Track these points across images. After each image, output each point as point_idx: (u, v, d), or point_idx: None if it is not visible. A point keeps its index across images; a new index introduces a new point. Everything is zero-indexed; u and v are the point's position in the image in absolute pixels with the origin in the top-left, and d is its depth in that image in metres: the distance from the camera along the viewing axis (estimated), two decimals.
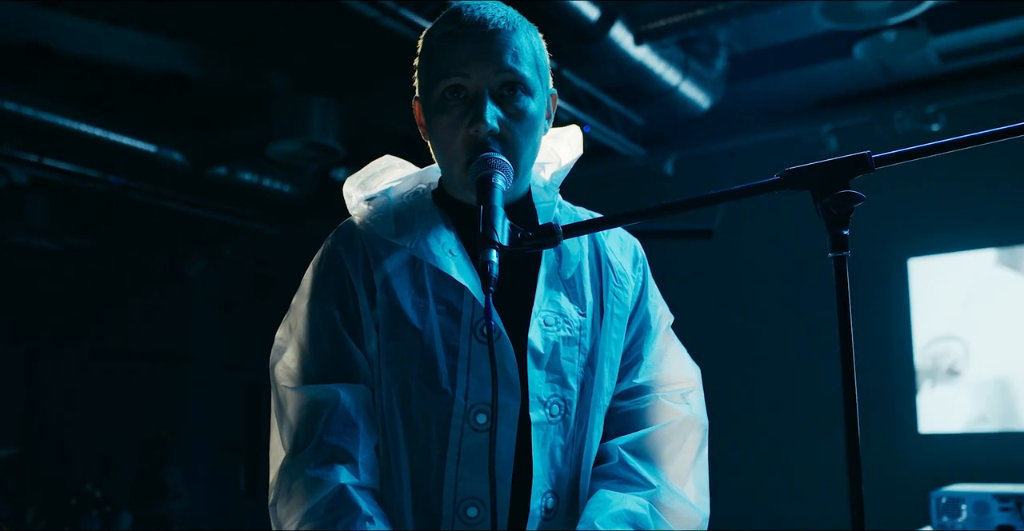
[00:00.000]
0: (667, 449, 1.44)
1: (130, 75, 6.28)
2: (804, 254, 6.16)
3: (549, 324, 1.39)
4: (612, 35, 5.27)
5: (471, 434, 1.34)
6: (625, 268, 1.51)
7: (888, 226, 6.16)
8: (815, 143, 6.65)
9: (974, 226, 6.35)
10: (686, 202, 1.21)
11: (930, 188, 6.12)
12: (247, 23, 5.90)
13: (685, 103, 6.15)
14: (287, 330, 1.45)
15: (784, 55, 6.23)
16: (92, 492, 7.68)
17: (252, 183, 7.77)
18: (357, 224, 1.46)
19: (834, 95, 6.67)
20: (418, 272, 1.40)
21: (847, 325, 1.10)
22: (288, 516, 1.32)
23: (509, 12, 1.41)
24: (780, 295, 6.91)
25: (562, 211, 1.53)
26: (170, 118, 7.16)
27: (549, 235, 1.21)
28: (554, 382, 1.38)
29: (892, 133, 6.41)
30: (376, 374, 1.39)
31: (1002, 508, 3.06)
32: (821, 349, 6.13)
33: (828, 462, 6.17)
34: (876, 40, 5.62)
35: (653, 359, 1.51)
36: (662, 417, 1.47)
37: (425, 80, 1.42)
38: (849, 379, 1.09)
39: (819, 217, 1.15)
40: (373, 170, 1.54)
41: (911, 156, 1.15)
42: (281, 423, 1.39)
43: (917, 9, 4.96)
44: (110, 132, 6.75)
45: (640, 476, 1.41)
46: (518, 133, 1.36)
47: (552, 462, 1.37)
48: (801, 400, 6.68)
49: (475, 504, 1.34)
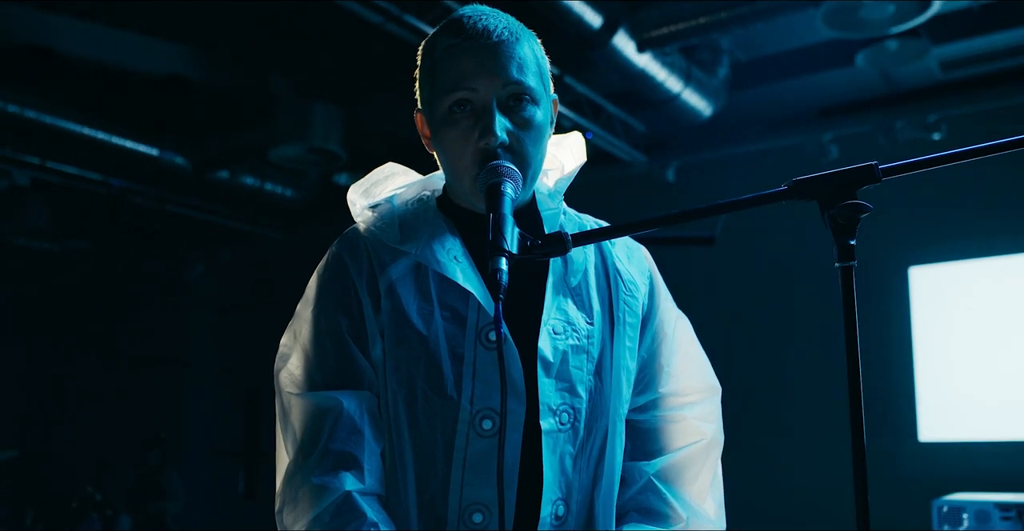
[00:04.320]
0: (692, 471, 1.49)
1: (132, 78, 6.28)
2: (805, 262, 6.17)
3: (558, 332, 1.40)
4: (615, 42, 5.28)
5: (477, 440, 1.34)
6: (634, 276, 1.52)
7: (889, 234, 6.16)
8: (816, 151, 6.66)
9: (976, 235, 6.35)
10: (694, 211, 1.22)
11: (932, 196, 6.13)
12: (250, 27, 5.91)
13: (687, 110, 6.16)
14: (292, 337, 1.45)
15: (786, 63, 6.24)
16: (92, 495, 7.68)
17: (254, 187, 7.78)
18: (361, 231, 1.46)
19: (836, 104, 6.67)
20: (423, 279, 1.40)
21: (853, 334, 1.11)
22: (295, 523, 1.32)
23: (511, 22, 1.42)
24: (780, 302, 6.91)
25: (567, 218, 1.53)
26: (172, 122, 7.17)
27: (558, 243, 1.22)
28: (564, 390, 1.39)
29: (893, 142, 6.41)
30: (381, 380, 1.39)
31: (1003, 517, 3.07)
32: (821, 355, 6.13)
33: (829, 468, 6.17)
34: (878, 49, 5.63)
35: (676, 368, 1.53)
36: (689, 437, 1.51)
37: (429, 93, 1.41)
38: (856, 388, 1.09)
39: (826, 227, 1.15)
40: (376, 177, 1.54)
41: (918, 167, 1.16)
42: (286, 430, 1.39)
43: (919, 18, 4.97)
44: (112, 135, 6.76)
45: (670, 506, 1.46)
46: (527, 143, 1.37)
47: (562, 470, 1.38)
48: (801, 406, 6.68)
49: (480, 510, 1.34)
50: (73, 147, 6.86)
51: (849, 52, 5.76)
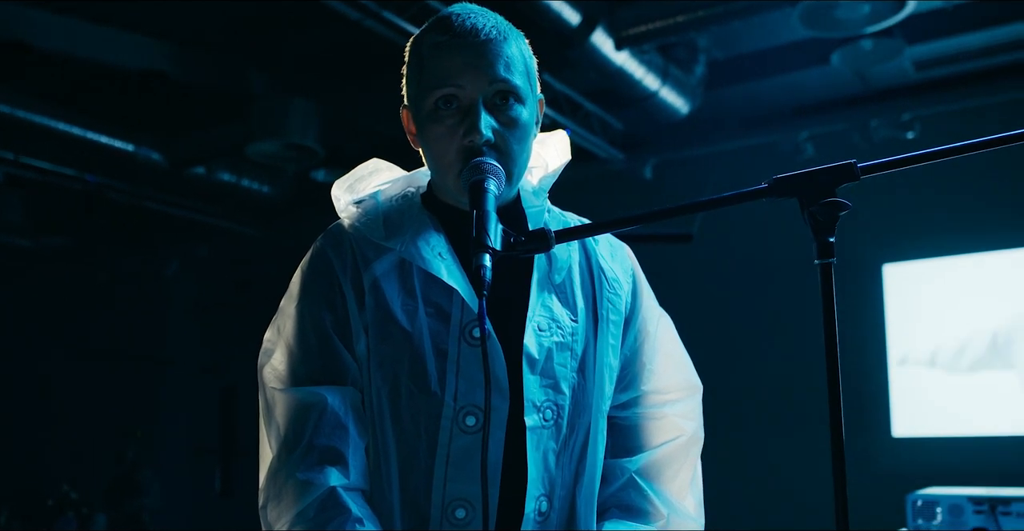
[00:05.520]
0: (673, 468, 1.51)
1: (109, 73, 6.23)
2: (781, 258, 6.21)
3: (543, 329, 1.41)
4: (593, 40, 5.30)
5: (460, 436, 1.34)
6: (617, 273, 1.53)
7: (863, 232, 6.21)
8: (792, 149, 6.71)
9: (949, 232, 6.42)
10: (678, 208, 1.23)
11: (906, 194, 6.19)
12: (228, 23, 5.88)
13: (664, 108, 6.19)
14: (275, 332, 1.45)
15: (762, 62, 6.28)
16: (68, 493, 7.62)
17: (231, 183, 7.73)
18: (346, 227, 1.46)
19: (811, 102, 6.72)
20: (407, 275, 1.40)
21: (833, 331, 1.11)
22: (279, 518, 1.32)
23: (499, 21, 1.42)
24: (756, 298, 6.95)
25: (551, 216, 1.54)
26: (149, 117, 7.11)
27: (542, 240, 1.22)
28: (548, 387, 1.39)
29: (868, 140, 6.47)
30: (365, 376, 1.39)
31: (976, 511, 3.12)
32: (797, 352, 6.19)
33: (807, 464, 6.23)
34: (853, 48, 5.68)
35: (658, 366, 1.55)
36: (669, 434, 1.52)
37: (416, 89, 1.42)
38: (835, 384, 1.10)
39: (805, 224, 1.17)
40: (361, 173, 1.54)
41: (896, 165, 1.17)
42: (269, 425, 1.39)
43: (894, 18, 5.02)
44: (88, 130, 6.70)
45: (651, 503, 1.47)
46: (512, 141, 1.38)
47: (546, 466, 1.39)
48: (777, 403, 6.74)
49: (463, 505, 1.35)
50: (48, 142, 6.79)
51: (825, 51, 5.81)
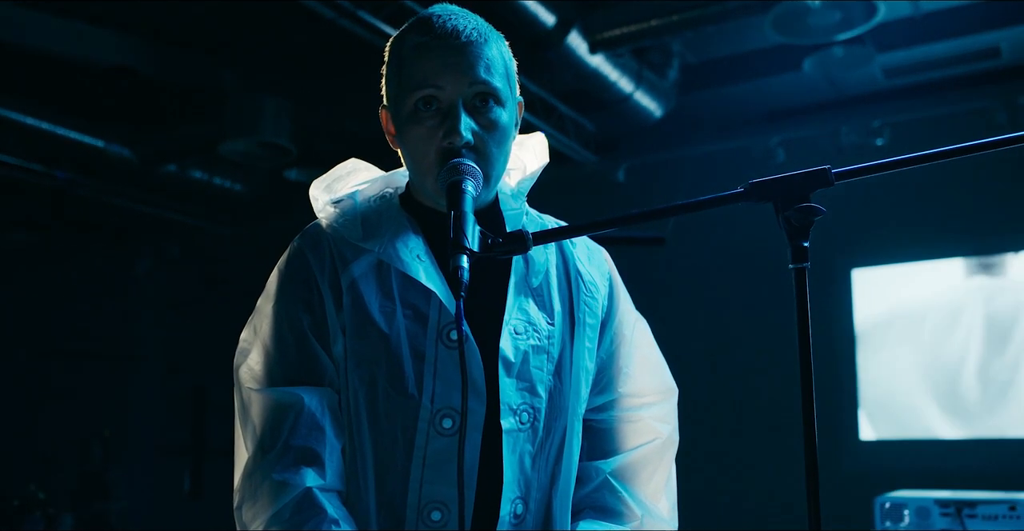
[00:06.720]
0: (647, 470, 1.51)
1: (78, 68, 6.16)
2: (754, 262, 6.26)
3: (519, 332, 1.41)
4: (568, 42, 5.31)
5: (436, 438, 1.35)
6: (594, 277, 1.54)
7: (833, 237, 6.27)
8: (763, 154, 6.75)
9: (919, 238, 6.49)
10: (654, 211, 1.24)
11: (875, 199, 6.26)
12: (200, 19, 5.83)
13: (638, 111, 6.22)
14: (252, 332, 1.44)
15: (735, 67, 6.32)
16: (35, 493, 7.51)
17: (202, 181, 7.67)
18: (324, 227, 1.45)
19: (783, 108, 6.78)
20: (385, 276, 1.40)
21: (806, 334, 1.13)
22: (254, 519, 1.32)
23: (480, 23, 1.43)
24: (730, 302, 6.99)
25: (528, 219, 1.54)
26: (119, 113, 7.04)
27: (519, 242, 1.22)
28: (524, 390, 1.40)
29: (838, 146, 6.53)
30: (343, 377, 1.39)
31: (943, 513, 3.17)
32: (770, 355, 6.24)
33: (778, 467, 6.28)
34: (825, 55, 5.74)
35: (634, 369, 1.55)
36: (645, 436, 1.53)
37: (396, 90, 1.42)
38: (808, 388, 1.11)
39: (780, 229, 1.18)
40: (339, 173, 1.54)
41: (869, 171, 1.19)
42: (245, 426, 1.38)
43: (864, 26, 5.08)
44: (56, 126, 6.60)
45: (625, 504, 1.48)
46: (491, 144, 1.38)
47: (522, 469, 1.39)
48: (749, 406, 6.78)
49: (439, 508, 1.35)
50: (16, 137, 6.70)
51: (797, 58, 5.87)
